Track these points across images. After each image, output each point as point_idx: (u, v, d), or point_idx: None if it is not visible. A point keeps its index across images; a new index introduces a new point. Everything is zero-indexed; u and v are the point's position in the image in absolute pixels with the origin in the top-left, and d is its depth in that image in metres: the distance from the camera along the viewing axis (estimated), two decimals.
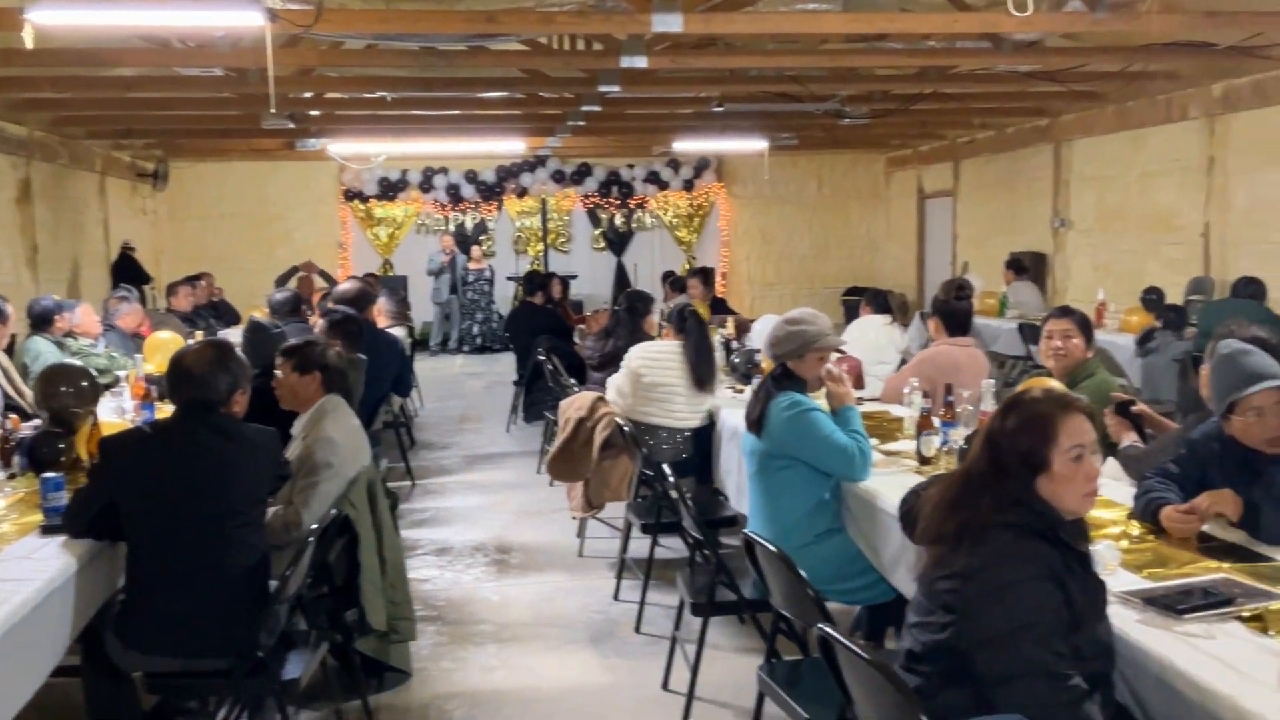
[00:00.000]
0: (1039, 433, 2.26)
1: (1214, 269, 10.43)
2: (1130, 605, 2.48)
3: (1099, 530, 3.12)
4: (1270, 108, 9.84)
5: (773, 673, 3.21)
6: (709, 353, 5.74)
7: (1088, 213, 12.66)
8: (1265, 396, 3.05)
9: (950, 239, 15.63)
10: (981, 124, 13.84)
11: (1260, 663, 2.18)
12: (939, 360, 5.24)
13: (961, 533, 2.23)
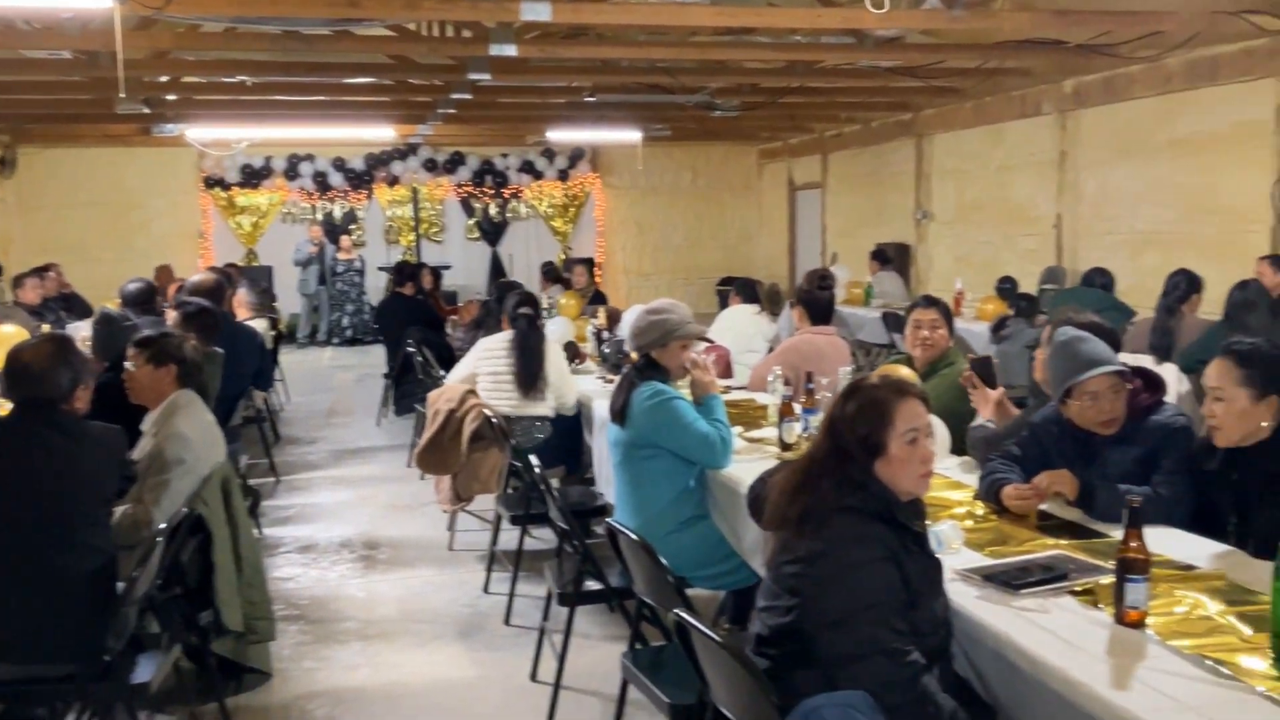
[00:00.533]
0: (876, 418, 2.32)
1: (1066, 259, 10.90)
2: (970, 582, 2.58)
3: (946, 510, 3.24)
4: (1118, 104, 10.32)
5: (636, 659, 3.23)
6: (532, 353, 5.68)
7: (948, 205, 13.07)
8: (1100, 382, 3.20)
9: (820, 230, 15.96)
10: (848, 118, 14.16)
11: (1089, 634, 2.28)
12: (802, 348, 5.35)
13: (805, 517, 2.28)
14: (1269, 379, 2.86)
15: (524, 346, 5.69)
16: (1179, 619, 2.35)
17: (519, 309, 5.85)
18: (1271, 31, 8.34)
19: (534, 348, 5.71)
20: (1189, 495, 3.06)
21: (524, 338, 5.71)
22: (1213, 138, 9.39)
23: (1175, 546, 2.82)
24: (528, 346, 5.70)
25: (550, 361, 5.73)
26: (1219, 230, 9.39)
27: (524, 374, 5.62)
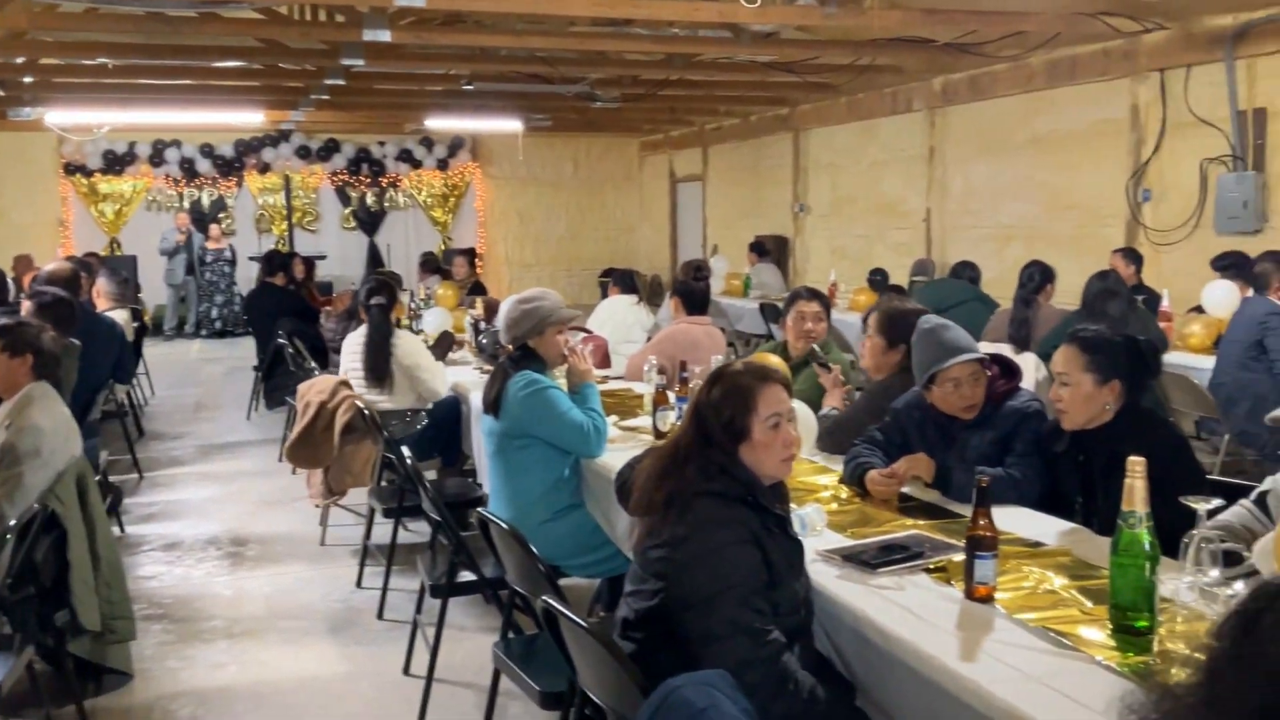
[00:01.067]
0: (740, 403, 2.37)
1: (935, 252, 11.24)
2: (831, 562, 2.64)
3: (812, 494, 3.31)
4: (983, 102, 10.67)
5: (508, 649, 3.23)
6: (376, 345, 5.69)
7: (824, 199, 13.34)
8: (961, 369, 3.31)
9: (701, 222, 16.13)
10: (727, 111, 14.33)
11: (941, 609, 2.37)
12: (678, 338, 5.41)
13: (670, 502, 2.32)
14: (1111, 364, 3.00)
15: (369, 337, 5.70)
16: (1026, 593, 2.45)
17: (371, 299, 5.82)
18: (1127, 33, 8.74)
19: (378, 339, 5.71)
20: (1040, 476, 3.19)
21: (372, 329, 5.71)
22: (1072, 136, 9.79)
23: (1026, 525, 2.94)
24: (373, 338, 5.71)
25: (404, 350, 5.70)
26: (1077, 225, 9.80)
27: (369, 365, 5.61)
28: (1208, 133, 8.39)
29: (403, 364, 5.68)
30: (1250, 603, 1.22)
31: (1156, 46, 8.72)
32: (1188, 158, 8.63)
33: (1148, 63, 8.84)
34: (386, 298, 5.83)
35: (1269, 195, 8.06)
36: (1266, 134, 8.05)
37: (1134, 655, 2.11)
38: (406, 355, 5.71)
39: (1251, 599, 1.23)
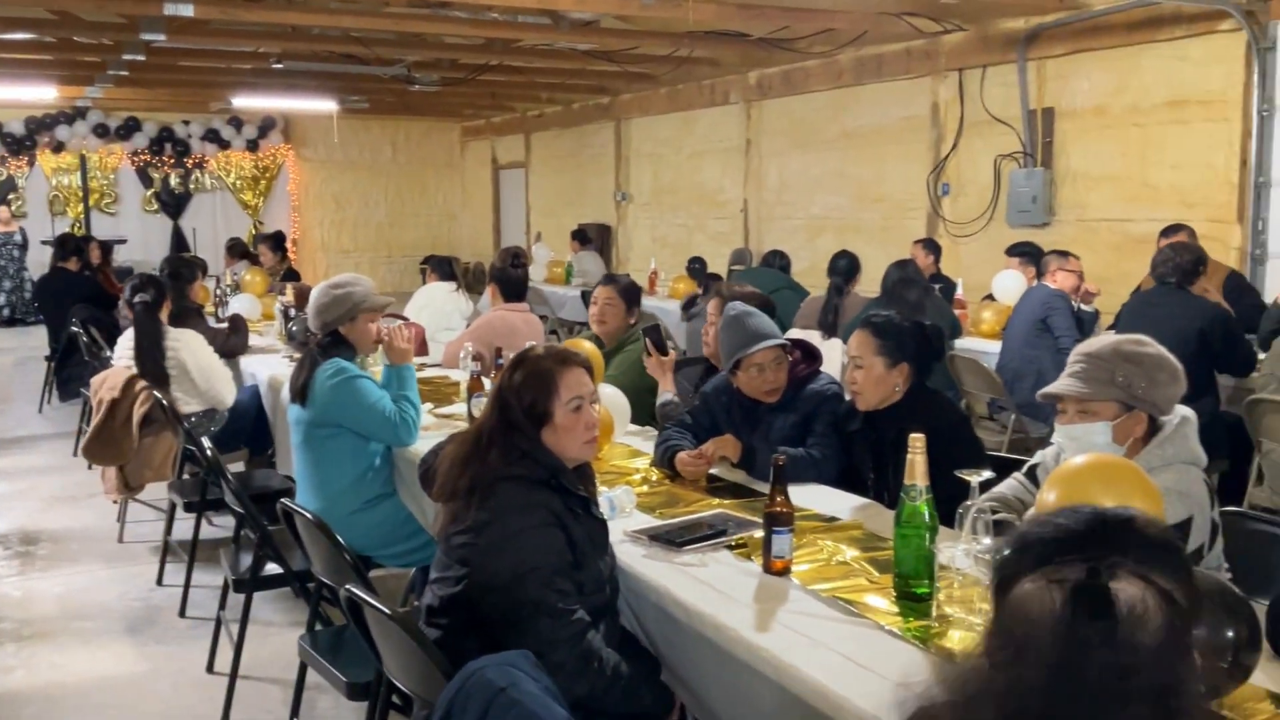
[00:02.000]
0: (541, 387, 2.39)
1: (752, 241, 11.54)
2: (638, 542, 2.70)
3: (624, 477, 3.37)
4: (795, 96, 11.01)
5: (314, 642, 3.16)
6: (146, 349, 5.23)
7: (645, 188, 13.51)
8: (765, 354, 3.42)
9: (524, 209, 16.08)
10: (549, 99, 14.32)
11: (740, 583, 2.45)
12: (495, 325, 5.38)
13: (473, 488, 2.32)
14: (900, 348, 3.16)
15: (136, 341, 5.25)
16: (820, 566, 2.56)
17: (135, 296, 5.32)
18: (928, 34, 9.17)
19: (146, 342, 5.24)
20: (837, 455, 3.33)
21: (138, 331, 5.27)
22: (879, 131, 10.21)
23: (823, 501, 3.07)
24: (140, 341, 5.25)
25: (185, 352, 5.31)
26: (884, 216, 10.24)
27: (142, 369, 5.18)
28: (1001, 130, 8.90)
29: (184, 366, 5.30)
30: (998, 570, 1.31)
31: (955, 47, 9.19)
32: (983, 154, 9.14)
33: (947, 62, 9.31)
34: (153, 294, 5.33)
35: (1056, 190, 8.62)
36: (1054, 132, 8.59)
37: (915, 620, 2.24)
38: (189, 357, 5.33)
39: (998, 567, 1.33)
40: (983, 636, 1.29)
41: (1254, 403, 4.45)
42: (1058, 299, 5.65)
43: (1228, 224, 7.41)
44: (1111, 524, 1.24)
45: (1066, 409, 2.56)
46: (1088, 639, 1.14)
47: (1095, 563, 1.17)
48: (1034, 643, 1.17)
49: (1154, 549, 1.22)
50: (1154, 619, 1.15)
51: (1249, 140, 7.23)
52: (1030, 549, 1.25)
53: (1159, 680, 1.15)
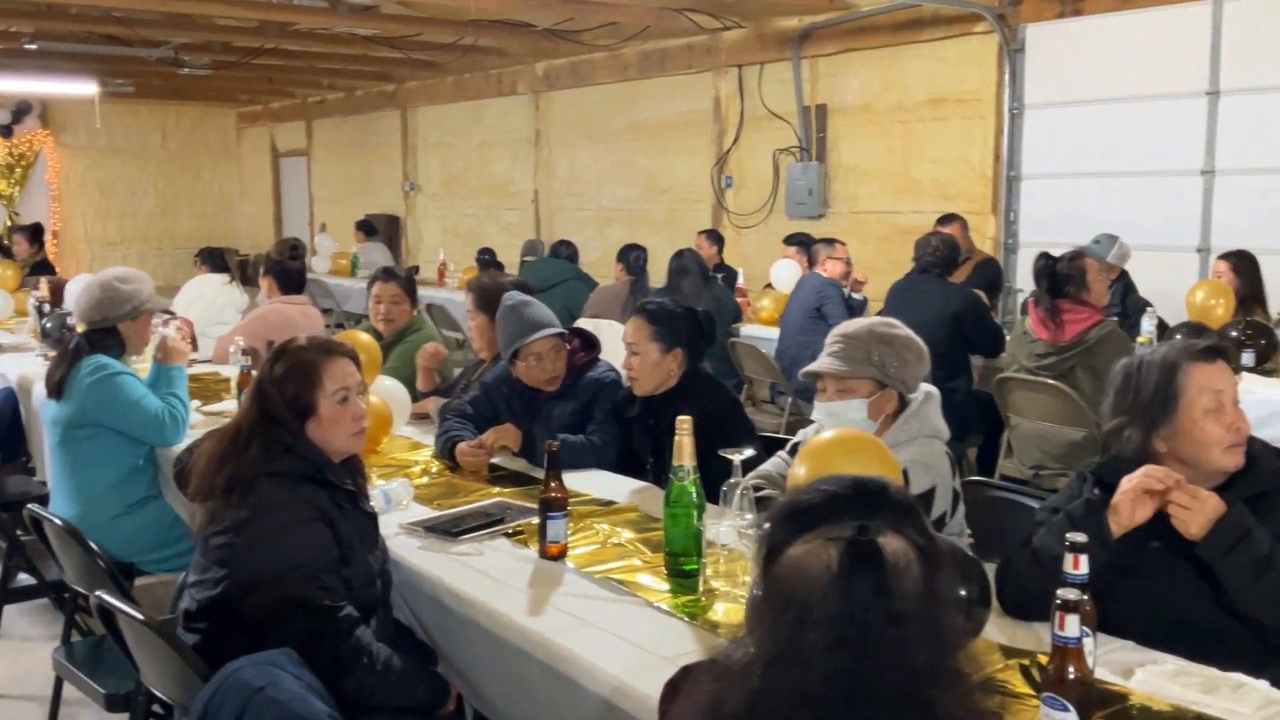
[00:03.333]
0: (304, 379, 2.33)
1: (543, 232, 11.55)
2: (414, 534, 2.67)
3: (403, 470, 3.32)
4: (583, 88, 11.07)
5: (70, 654, 2.98)
6: None
7: (434, 178, 13.32)
8: (543, 343, 3.44)
9: (307, 199, 15.55)
10: (330, 85, 13.90)
11: (517, 570, 2.47)
12: (271, 318, 5.20)
13: (231, 485, 2.23)
14: (674, 334, 3.24)
15: None
16: (596, 549, 2.60)
17: None
18: (709, 30, 9.41)
19: None
20: (616, 440, 3.39)
21: None
22: (664, 124, 10.41)
23: (602, 486, 3.12)
24: None
25: None
26: (670, 208, 10.45)
27: None
28: (779, 126, 9.24)
29: None
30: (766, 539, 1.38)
31: (735, 44, 9.46)
32: (763, 148, 9.46)
33: (728, 58, 9.57)
34: None
35: (830, 183, 9.01)
36: (828, 128, 8.98)
37: (684, 595, 2.31)
38: None
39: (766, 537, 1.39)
40: (756, 612, 1.35)
41: (1002, 381, 4.79)
42: (830, 287, 5.92)
43: (983, 215, 7.94)
44: (870, 488, 1.36)
45: (826, 387, 2.69)
46: (863, 591, 1.24)
47: (864, 521, 1.28)
48: (814, 600, 1.25)
49: (904, 510, 1.34)
50: (914, 569, 1.27)
51: (1001, 137, 7.76)
52: (799, 516, 1.34)
53: (926, 626, 1.26)
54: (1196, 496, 2.04)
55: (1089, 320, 4.55)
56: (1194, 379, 2.14)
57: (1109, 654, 1.99)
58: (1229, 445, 2.13)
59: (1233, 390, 2.19)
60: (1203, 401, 2.13)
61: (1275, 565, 2.00)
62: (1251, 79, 6.46)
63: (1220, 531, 2.01)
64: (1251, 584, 2.00)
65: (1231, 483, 2.15)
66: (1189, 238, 6.81)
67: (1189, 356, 2.17)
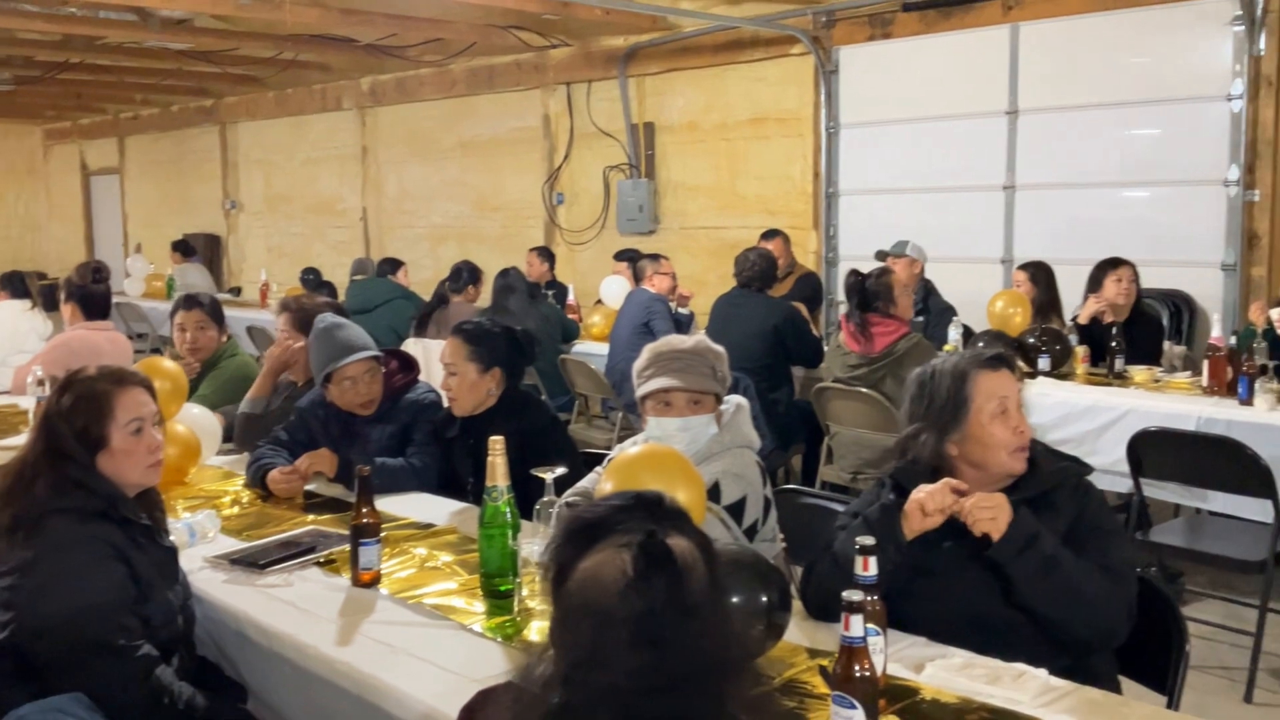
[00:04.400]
0: (95, 410, 2.23)
1: (374, 250, 11.35)
2: (219, 568, 2.58)
3: (212, 500, 3.21)
4: (411, 104, 10.95)
5: None
6: None
7: (256, 195, 12.93)
8: (356, 367, 3.38)
9: (120, 219, 14.86)
10: (144, 100, 13.34)
11: (327, 599, 2.41)
12: (73, 345, 4.94)
13: (17, 525, 2.11)
14: (491, 353, 3.23)
15: None
16: (412, 573, 2.57)
17: None
18: (536, 48, 9.44)
19: None
20: (437, 462, 3.35)
21: None
22: (494, 141, 10.38)
23: (422, 509, 3.08)
24: None
25: None
26: (503, 225, 10.43)
27: None
28: (608, 143, 9.34)
29: None
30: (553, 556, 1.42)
31: (563, 62, 9.52)
32: (593, 165, 9.55)
33: (555, 76, 9.63)
34: None
35: (660, 200, 9.16)
36: (656, 145, 9.13)
37: (499, 616, 2.31)
38: None
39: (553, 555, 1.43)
40: (553, 631, 1.38)
41: (819, 391, 4.96)
42: (657, 302, 6.01)
43: (805, 230, 8.20)
44: (649, 499, 1.45)
45: (674, 401, 2.66)
46: (659, 589, 1.31)
47: (651, 526, 1.36)
48: (613, 604, 1.31)
49: (680, 516, 1.45)
50: (700, 566, 1.36)
51: (820, 154, 8.05)
52: (586, 531, 1.40)
53: (716, 618, 1.35)
54: (993, 501, 2.14)
55: (897, 332, 4.75)
56: (981, 386, 2.26)
57: (902, 650, 2.09)
58: (1014, 448, 2.25)
59: (1017, 396, 2.30)
60: (989, 406, 2.25)
61: (1061, 564, 2.12)
62: (1046, 99, 6.89)
63: (1010, 535, 2.12)
64: (1040, 582, 2.12)
65: (1016, 485, 2.27)
66: (994, 249, 7.20)
67: (977, 365, 2.28)
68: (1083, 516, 2.22)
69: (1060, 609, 2.12)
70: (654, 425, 2.67)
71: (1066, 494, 2.25)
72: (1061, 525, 2.21)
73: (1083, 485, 2.29)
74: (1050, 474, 2.28)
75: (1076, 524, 2.21)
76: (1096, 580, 2.13)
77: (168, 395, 3.44)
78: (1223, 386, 4.47)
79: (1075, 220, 6.79)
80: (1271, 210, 6.12)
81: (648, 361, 2.72)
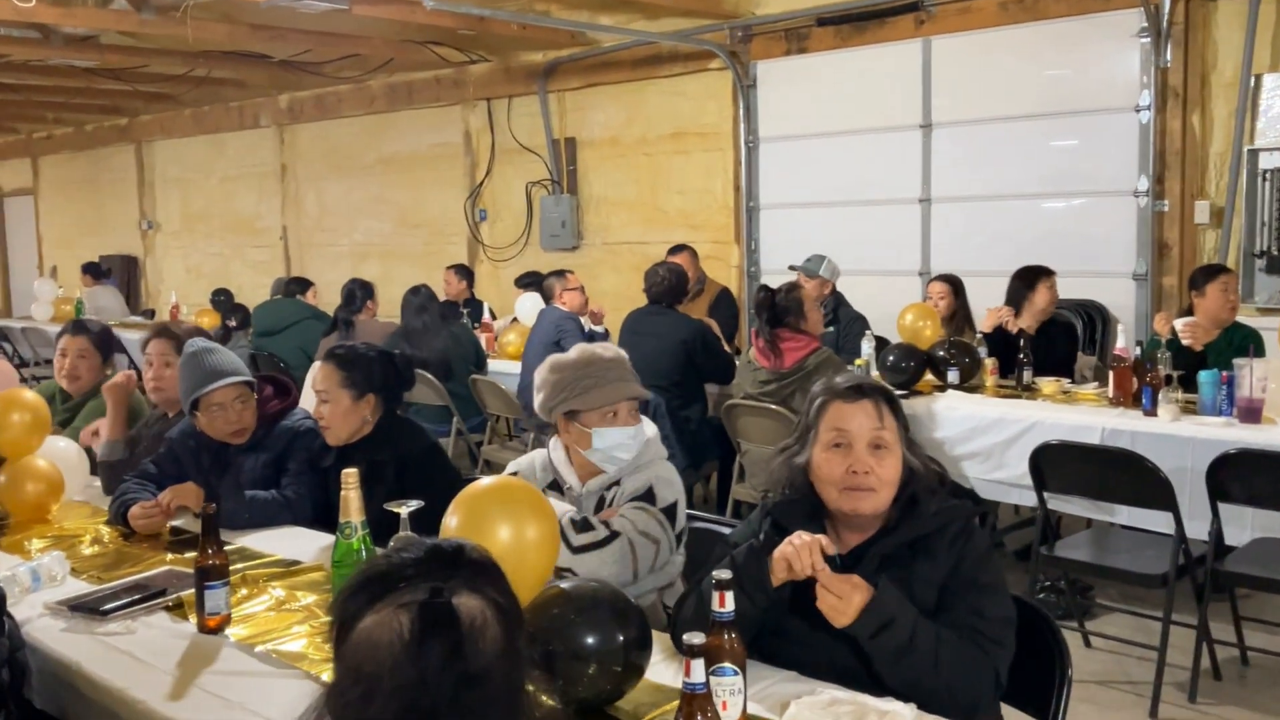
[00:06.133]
0: None
1: (294, 269, 11.12)
2: (58, 614, 2.42)
3: (69, 540, 3.03)
4: (330, 120, 10.77)
5: None
6: None
7: (174, 215, 12.65)
8: (225, 393, 3.22)
9: (35, 240, 14.46)
10: (56, 119, 13.00)
11: (169, 648, 2.25)
12: None
13: None
14: (366, 379, 3.10)
15: None
16: (266, 617, 2.42)
17: None
18: (455, 63, 9.31)
19: None
20: (312, 492, 3.20)
21: None
22: (415, 158, 10.22)
23: (291, 545, 2.93)
24: None
25: None
26: (426, 242, 10.27)
27: None
28: (530, 159, 9.23)
29: None
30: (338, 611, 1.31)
31: (482, 77, 9.41)
32: (515, 181, 9.43)
33: (475, 92, 9.50)
34: None
35: (583, 214, 9.06)
36: (578, 160, 9.03)
37: None
38: None
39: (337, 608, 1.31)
40: (330, 690, 1.26)
41: (730, 407, 4.87)
42: (568, 320, 5.90)
43: (727, 244, 8.15)
44: (445, 551, 1.31)
45: (621, 411, 2.64)
46: (436, 655, 1.18)
47: (438, 583, 1.23)
48: (383, 672, 1.18)
49: (482, 568, 1.30)
50: (492, 628, 1.23)
51: (740, 168, 8.01)
52: (371, 584, 1.27)
53: (505, 685, 1.22)
54: (843, 593, 1.96)
55: (807, 348, 4.69)
56: (827, 415, 2.13)
57: (768, 688, 1.99)
58: (844, 487, 2.09)
59: (867, 432, 2.11)
60: (826, 437, 2.12)
61: (916, 648, 1.96)
62: (960, 112, 6.90)
63: (865, 619, 1.96)
64: (892, 665, 1.98)
65: (895, 526, 2.12)
66: (911, 262, 7.19)
67: (833, 393, 2.16)
68: (960, 567, 2.07)
69: (915, 688, 1.95)
70: (599, 437, 2.62)
71: (947, 540, 2.09)
72: (938, 575, 2.08)
73: (966, 531, 2.12)
74: (931, 517, 2.12)
75: (953, 575, 2.06)
76: (960, 655, 1.97)
77: (27, 428, 3.28)
78: (1128, 398, 4.45)
79: (991, 232, 6.81)
80: (1180, 220, 6.17)
81: (579, 374, 2.65)
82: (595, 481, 2.69)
